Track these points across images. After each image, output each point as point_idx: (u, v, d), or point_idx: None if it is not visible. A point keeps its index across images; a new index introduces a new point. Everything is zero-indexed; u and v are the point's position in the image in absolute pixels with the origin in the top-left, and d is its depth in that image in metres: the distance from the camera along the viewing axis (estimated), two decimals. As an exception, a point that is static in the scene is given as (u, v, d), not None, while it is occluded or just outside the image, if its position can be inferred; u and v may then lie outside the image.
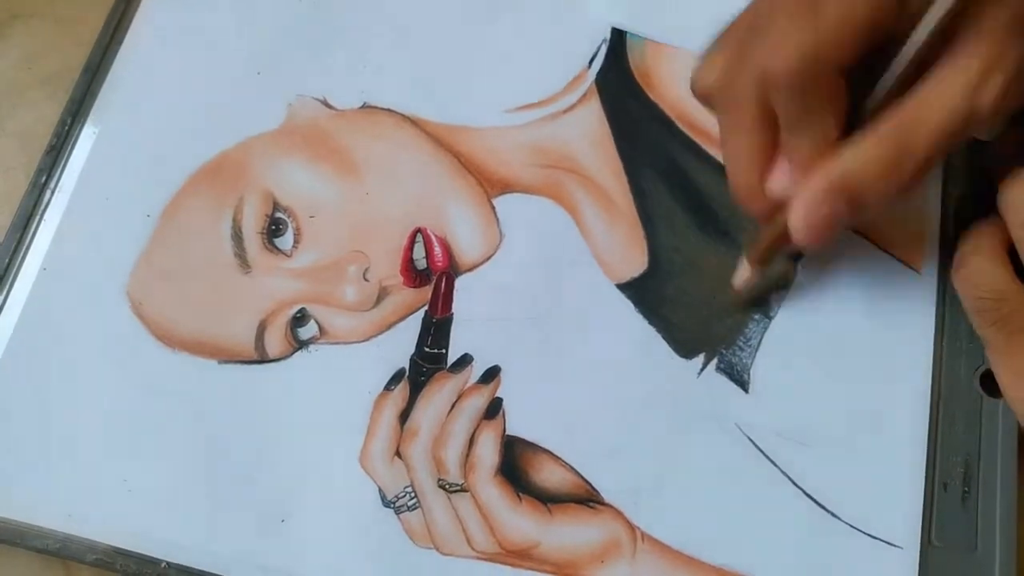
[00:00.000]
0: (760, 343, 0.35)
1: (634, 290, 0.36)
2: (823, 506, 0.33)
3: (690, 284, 0.36)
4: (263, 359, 0.35)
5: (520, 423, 0.34)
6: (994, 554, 0.32)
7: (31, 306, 0.36)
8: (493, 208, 0.37)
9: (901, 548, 0.33)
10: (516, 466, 0.34)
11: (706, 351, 0.35)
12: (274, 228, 0.37)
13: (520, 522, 0.33)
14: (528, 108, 0.39)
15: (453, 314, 0.36)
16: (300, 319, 0.35)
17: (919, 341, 0.35)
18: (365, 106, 0.39)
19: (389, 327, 0.36)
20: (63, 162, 0.38)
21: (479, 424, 0.34)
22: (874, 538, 0.33)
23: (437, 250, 0.36)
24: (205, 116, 0.38)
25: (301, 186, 0.37)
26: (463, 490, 0.34)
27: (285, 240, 0.36)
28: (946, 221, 0.37)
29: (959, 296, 0.34)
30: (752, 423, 0.34)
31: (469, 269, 0.36)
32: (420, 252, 0.36)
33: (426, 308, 0.36)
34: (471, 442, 0.34)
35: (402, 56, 0.39)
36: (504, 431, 0.34)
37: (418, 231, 0.37)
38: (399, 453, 0.34)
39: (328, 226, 0.37)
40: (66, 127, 0.38)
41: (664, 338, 0.35)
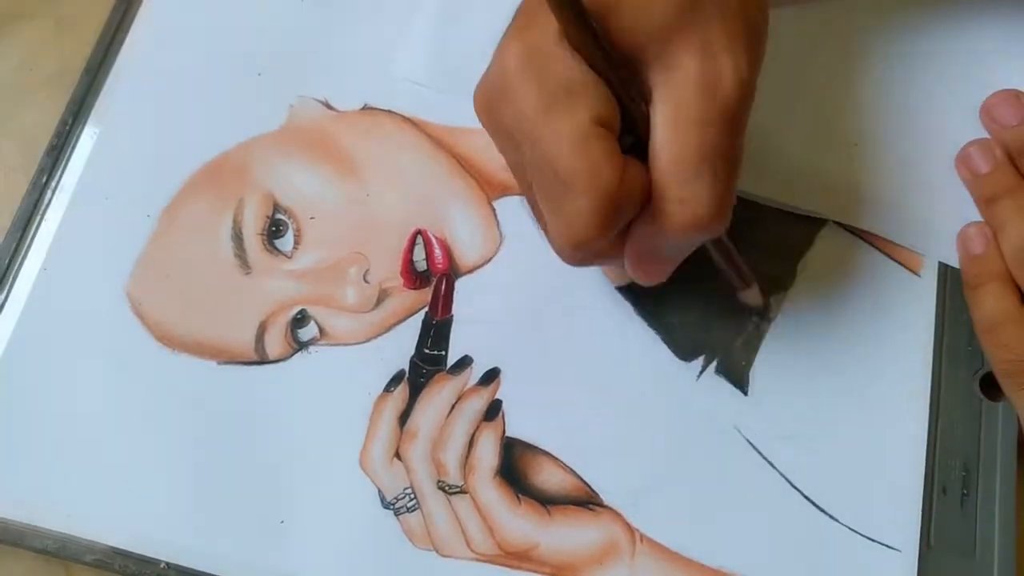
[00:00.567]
0: (759, 346, 0.35)
1: (634, 292, 0.36)
2: (822, 509, 0.33)
3: (690, 286, 0.36)
4: (263, 360, 0.35)
5: (520, 425, 0.34)
6: (993, 558, 0.32)
7: (31, 306, 0.36)
8: (493, 210, 0.37)
9: (900, 551, 0.33)
10: (515, 468, 0.34)
11: (705, 353, 0.35)
12: (274, 229, 0.37)
13: (519, 524, 0.33)
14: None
15: (453, 316, 0.36)
16: (300, 320, 0.35)
17: (919, 344, 0.35)
18: (366, 107, 0.39)
19: (389, 329, 0.36)
20: (64, 162, 0.38)
21: (479, 426, 0.34)
22: (873, 541, 0.33)
23: (437, 252, 0.36)
24: (206, 117, 0.38)
25: (302, 187, 0.37)
26: (463, 492, 0.34)
27: (285, 241, 0.36)
28: (946, 224, 0.37)
29: (986, 356, 0.34)
30: (751, 425, 0.34)
31: (469, 271, 0.36)
32: (420, 254, 0.36)
33: (426, 310, 0.36)
34: (471, 444, 0.34)
35: (403, 56, 0.39)
36: (504, 433, 0.34)
37: (418, 233, 0.37)
38: (399, 455, 0.34)
39: (328, 227, 0.37)
40: (67, 127, 0.38)
41: (663, 340, 0.35)
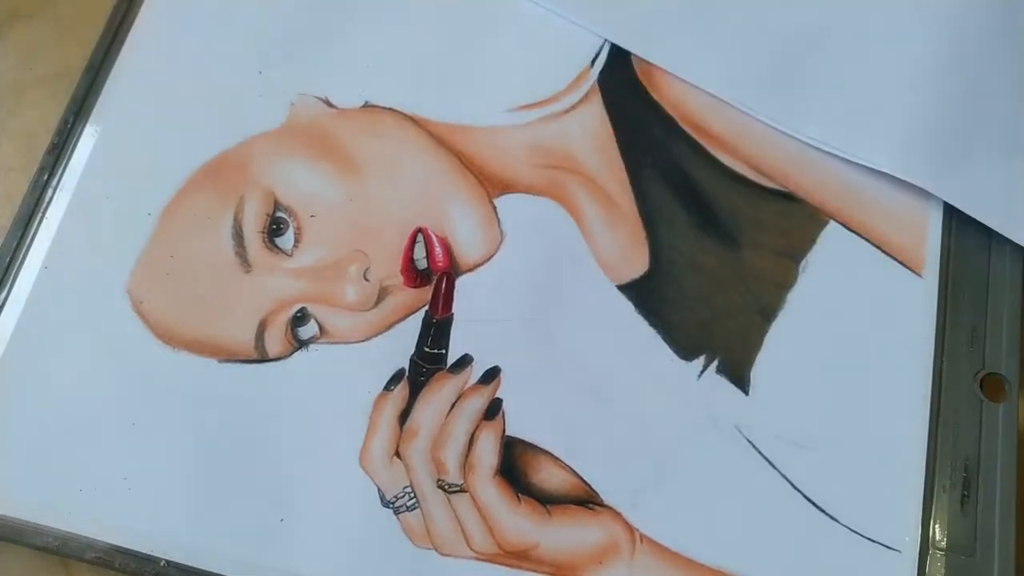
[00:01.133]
0: (760, 345, 0.35)
1: (635, 291, 0.36)
2: (822, 509, 0.33)
3: (691, 286, 0.36)
4: (263, 358, 0.35)
5: (520, 424, 0.34)
6: (993, 558, 0.32)
7: (32, 304, 0.36)
8: (494, 208, 0.37)
9: (900, 552, 0.33)
10: (515, 467, 0.34)
11: (706, 353, 0.35)
12: (275, 227, 0.37)
13: (519, 523, 0.33)
14: (530, 108, 0.39)
15: (453, 314, 0.36)
16: (300, 319, 0.35)
17: (919, 344, 0.35)
18: (367, 105, 0.39)
19: (389, 327, 0.35)
20: (65, 161, 0.38)
21: (479, 425, 0.34)
22: (873, 541, 0.33)
23: (438, 250, 0.36)
24: (206, 115, 0.38)
25: (302, 185, 0.37)
26: (462, 491, 0.34)
27: (286, 239, 0.36)
28: (948, 225, 0.37)
29: None
30: (752, 425, 0.34)
31: (470, 269, 0.36)
32: (421, 252, 0.36)
33: (426, 308, 0.36)
34: (471, 443, 0.34)
35: (404, 55, 0.39)
36: (504, 432, 0.34)
37: (419, 231, 0.37)
38: (398, 453, 0.34)
39: (329, 226, 0.37)
40: (68, 126, 0.38)
41: (664, 340, 0.35)
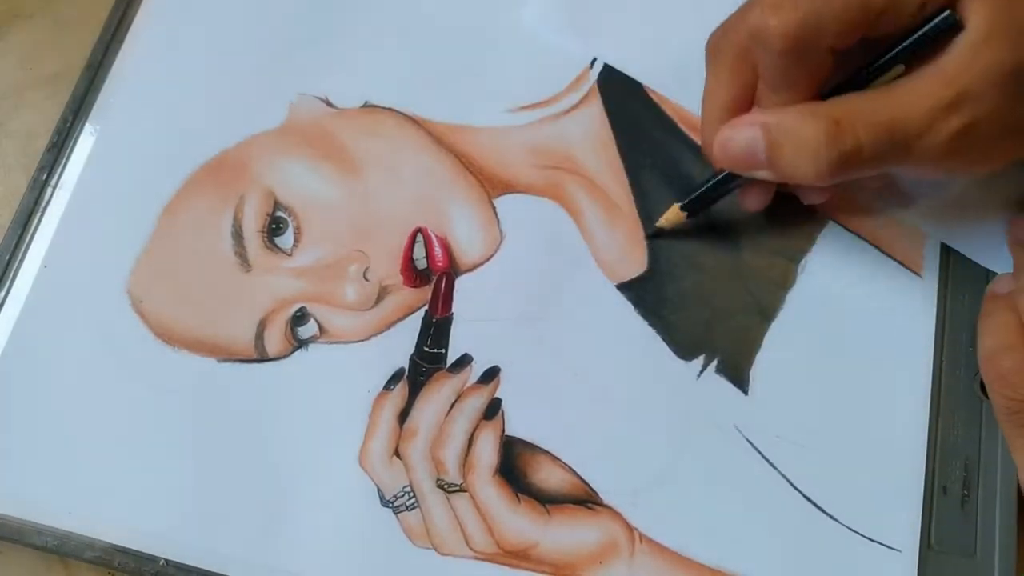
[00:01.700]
0: (760, 345, 0.35)
1: (634, 291, 0.36)
2: (822, 509, 0.33)
3: (690, 285, 0.36)
4: (263, 358, 0.35)
5: (519, 423, 0.34)
6: (993, 558, 0.32)
7: (31, 303, 0.36)
8: (494, 208, 0.37)
9: (900, 552, 0.33)
10: (515, 466, 0.34)
11: (706, 353, 0.35)
12: (274, 227, 0.37)
13: (519, 522, 0.33)
14: (530, 108, 0.39)
15: (453, 314, 0.36)
16: (300, 318, 0.35)
17: (919, 345, 0.35)
18: (366, 105, 0.39)
19: (389, 327, 0.35)
20: (64, 159, 0.38)
21: (478, 424, 0.34)
22: (873, 541, 0.33)
23: (437, 250, 0.36)
24: (206, 115, 0.38)
25: (302, 185, 0.37)
26: (462, 490, 0.34)
27: (285, 239, 0.36)
28: (947, 224, 0.37)
29: (988, 393, 0.32)
30: (751, 425, 0.34)
31: (469, 269, 0.36)
32: (420, 252, 0.36)
33: (426, 308, 0.36)
34: (470, 442, 0.34)
35: (404, 55, 0.39)
36: (503, 431, 0.34)
37: (419, 231, 0.37)
38: (398, 453, 0.34)
39: (329, 225, 0.37)
40: (67, 124, 0.38)
41: (664, 339, 0.35)
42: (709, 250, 0.36)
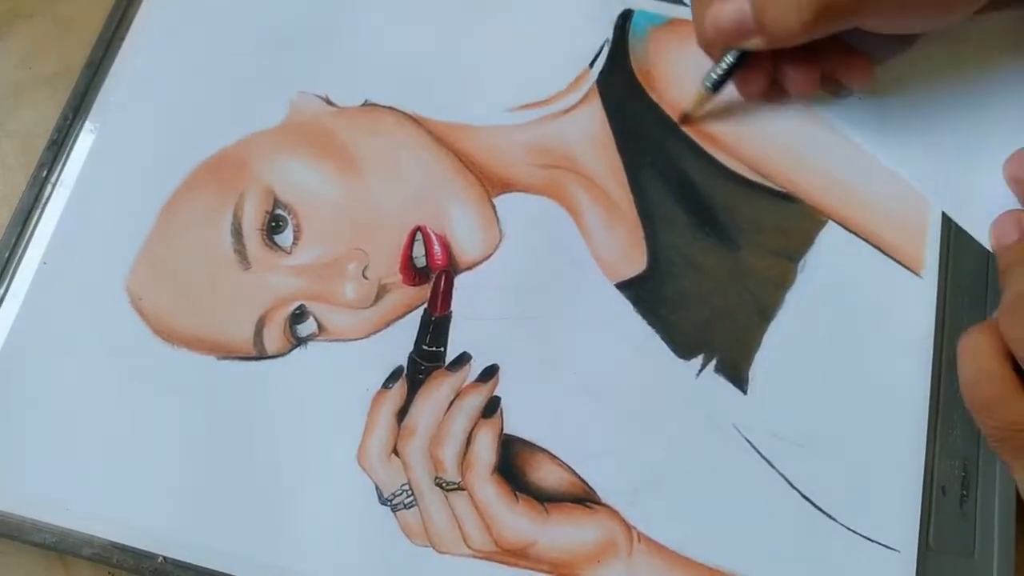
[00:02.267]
0: (759, 345, 0.35)
1: (633, 290, 0.36)
2: (820, 508, 0.33)
3: (689, 285, 0.36)
4: (262, 355, 0.35)
5: (518, 422, 0.34)
6: (992, 559, 0.32)
7: (31, 300, 0.36)
8: (493, 207, 0.37)
9: (899, 552, 0.33)
10: (513, 465, 0.34)
11: (705, 352, 0.35)
12: (274, 225, 0.37)
13: (517, 521, 0.33)
14: (529, 107, 0.39)
15: (452, 312, 0.36)
16: (299, 316, 0.35)
17: (918, 344, 0.35)
18: (366, 103, 0.39)
19: (388, 325, 0.36)
20: (64, 157, 0.38)
21: (477, 423, 0.34)
22: (872, 541, 0.33)
23: (437, 248, 0.36)
24: (206, 113, 0.38)
25: (302, 183, 0.37)
26: (460, 488, 0.34)
27: (285, 237, 0.36)
28: (947, 225, 0.37)
29: (973, 417, 0.31)
30: (750, 424, 0.34)
31: (468, 268, 0.36)
32: (420, 250, 0.36)
33: (425, 306, 0.36)
34: (469, 441, 0.34)
35: (404, 54, 0.39)
36: (502, 430, 0.34)
37: (418, 229, 0.37)
38: (396, 451, 0.34)
39: (328, 223, 0.37)
40: (67, 122, 0.38)
41: (663, 338, 0.35)
42: (709, 250, 0.36)
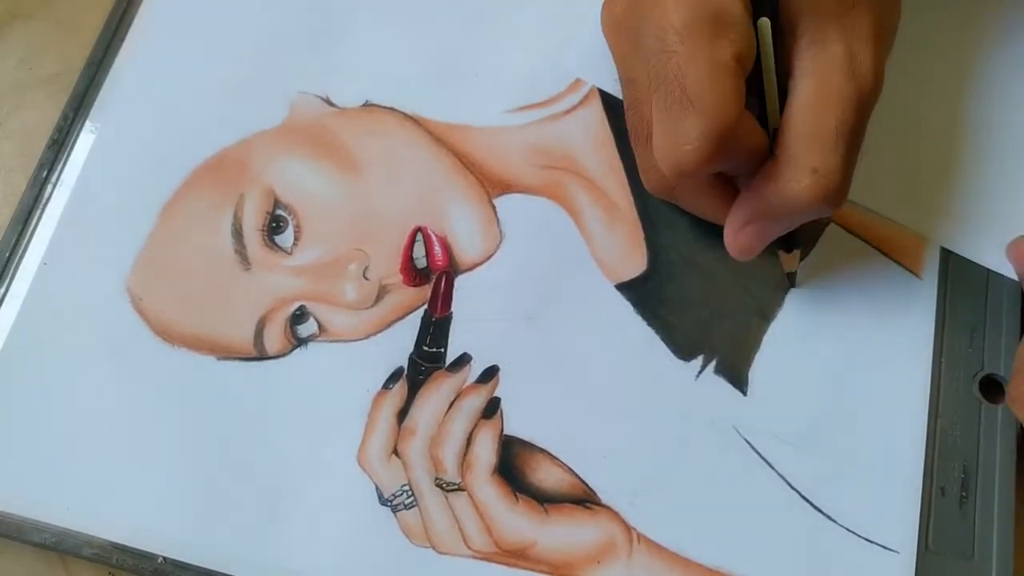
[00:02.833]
0: (759, 346, 0.35)
1: (633, 291, 0.36)
2: (820, 509, 0.33)
3: (689, 286, 0.36)
4: (262, 356, 0.35)
5: (518, 423, 0.34)
6: (991, 560, 0.32)
7: (31, 301, 0.36)
8: (494, 208, 0.37)
9: (898, 553, 0.33)
10: (513, 466, 0.34)
11: (704, 353, 0.35)
12: (274, 225, 0.37)
13: (517, 522, 0.33)
14: (530, 108, 0.39)
15: (452, 313, 0.36)
16: (299, 316, 0.35)
17: (919, 346, 0.35)
18: (367, 104, 0.39)
19: (388, 325, 0.36)
20: (64, 157, 0.38)
21: (477, 423, 0.34)
22: (871, 542, 0.33)
23: (437, 249, 0.36)
24: (207, 113, 0.38)
25: (302, 183, 0.37)
26: (460, 489, 0.34)
27: (285, 237, 0.36)
28: (947, 226, 0.37)
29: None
30: (750, 426, 0.34)
31: (469, 269, 0.36)
32: (420, 251, 0.36)
33: (425, 307, 0.36)
34: (469, 441, 0.34)
35: (404, 55, 0.39)
36: (502, 431, 0.34)
37: (418, 230, 0.37)
38: (397, 452, 0.34)
39: (329, 224, 0.37)
40: (68, 122, 0.38)
41: (663, 339, 0.35)
42: (709, 250, 0.36)
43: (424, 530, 0.33)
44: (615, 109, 0.38)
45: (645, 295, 0.36)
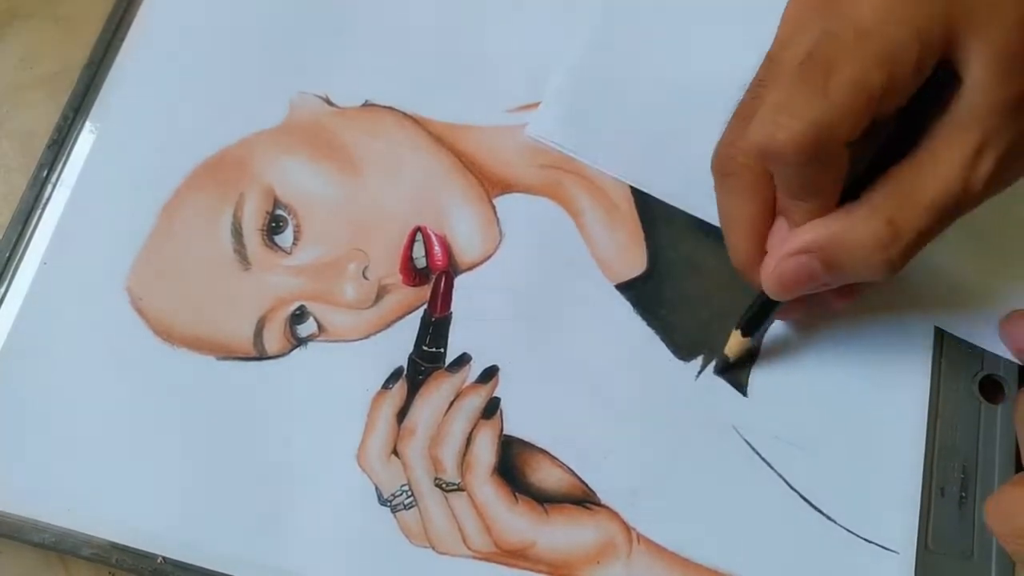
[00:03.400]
0: (759, 346, 0.35)
1: (633, 291, 0.36)
2: (819, 510, 0.33)
3: (689, 286, 0.36)
4: (262, 356, 0.35)
5: (518, 423, 0.34)
6: (990, 561, 0.32)
7: (31, 301, 0.36)
8: (493, 208, 0.37)
9: (898, 553, 0.33)
10: (513, 466, 0.34)
11: (705, 353, 0.35)
12: (274, 225, 0.37)
13: (516, 522, 0.33)
14: (530, 108, 0.39)
15: (452, 313, 0.36)
16: (299, 316, 0.35)
17: (918, 346, 0.35)
18: (366, 104, 0.39)
19: (388, 325, 0.36)
20: (64, 157, 0.38)
21: (476, 423, 0.34)
22: (870, 543, 0.33)
23: (437, 249, 0.36)
24: (206, 112, 0.38)
25: (302, 183, 0.37)
26: (460, 489, 0.34)
27: (285, 237, 0.36)
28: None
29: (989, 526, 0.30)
30: (749, 426, 0.34)
31: (468, 268, 0.36)
32: (420, 251, 0.36)
33: (425, 307, 0.36)
34: (468, 441, 0.34)
35: (404, 55, 0.39)
36: (501, 431, 0.34)
37: (418, 230, 0.37)
38: (396, 452, 0.34)
39: (328, 224, 0.37)
40: (68, 122, 0.38)
41: (663, 339, 0.35)
42: (709, 250, 0.36)
43: (423, 530, 0.33)
44: (615, 109, 0.38)
45: (645, 295, 0.36)
